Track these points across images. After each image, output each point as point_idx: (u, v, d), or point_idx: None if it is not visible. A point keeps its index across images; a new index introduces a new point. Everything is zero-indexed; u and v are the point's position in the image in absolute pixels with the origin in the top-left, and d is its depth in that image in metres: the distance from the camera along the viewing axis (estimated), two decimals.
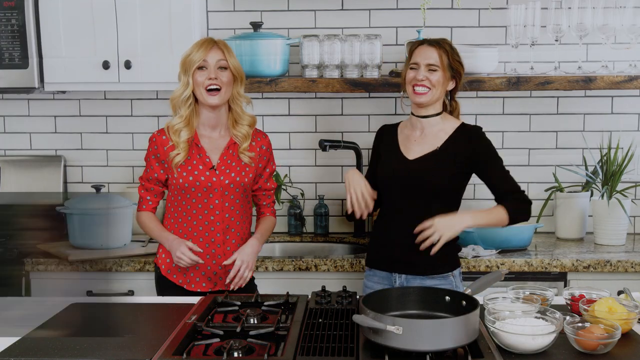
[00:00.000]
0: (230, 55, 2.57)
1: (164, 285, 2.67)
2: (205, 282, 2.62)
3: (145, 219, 2.67)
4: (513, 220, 2.55)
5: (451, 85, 2.63)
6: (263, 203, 2.78)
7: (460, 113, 2.73)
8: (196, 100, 2.60)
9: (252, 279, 2.74)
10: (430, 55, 2.56)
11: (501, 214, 2.53)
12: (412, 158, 2.60)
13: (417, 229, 2.48)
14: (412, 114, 2.66)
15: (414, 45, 2.65)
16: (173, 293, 2.61)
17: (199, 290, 2.62)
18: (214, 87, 2.54)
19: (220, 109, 2.60)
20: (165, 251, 2.64)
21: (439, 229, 2.44)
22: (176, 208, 2.62)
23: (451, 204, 2.59)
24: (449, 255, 2.59)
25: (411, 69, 2.60)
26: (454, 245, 2.63)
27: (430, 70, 2.55)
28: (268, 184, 2.75)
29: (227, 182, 2.58)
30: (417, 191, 2.55)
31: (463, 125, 2.64)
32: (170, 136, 2.57)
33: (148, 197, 2.67)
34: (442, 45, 2.58)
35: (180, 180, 2.56)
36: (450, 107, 2.70)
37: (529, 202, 2.59)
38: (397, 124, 2.76)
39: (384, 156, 2.69)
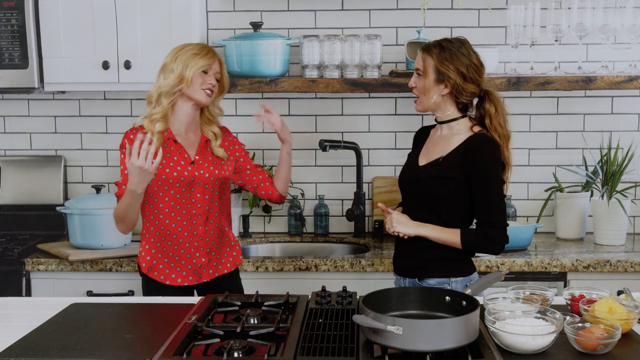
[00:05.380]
0: (224, 70, 2.72)
1: (146, 283, 2.69)
2: (192, 275, 2.66)
3: (115, 211, 2.62)
4: (465, 248, 2.44)
5: (444, 90, 2.45)
6: (260, 177, 2.81)
7: (494, 120, 2.47)
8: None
9: (238, 277, 2.81)
10: (418, 60, 2.51)
11: (455, 237, 2.43)
12: (421, 164, 2.55)
13: (379, 205, 2.57)
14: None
15: None
16: (157, 292, 2.63)
17: (185, 284, 2.66)
18: (209, 92, 2.64)
19: (198, 110, 2.69)
20: (144, 248, 2.67)
21: (394, 221, 2.46)
22: (156, 204, 2.64)
23: (460, 213, 2.48)
24: (445, 260, 2.49)
25: None
26: (452, 253, 2.48)
27: (418, 75, 2.50)
28: (254, 163, 2.83)
29: (207, 175, 2.65)
30: (422, 198, 2.51)
31: (473, 136, 2.46)
32: (147, 126, 2.59)
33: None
34: (430, 49, 2.47)
35: (163, 176, 2.60)
36: (477, 113, 2.52)
37: (493, 241, 2.41)
38: (434, 125, 2.63)
39: (407, 158, 2.66)
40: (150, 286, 2.68)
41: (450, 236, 2.44)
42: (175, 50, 2.64)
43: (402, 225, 2.47)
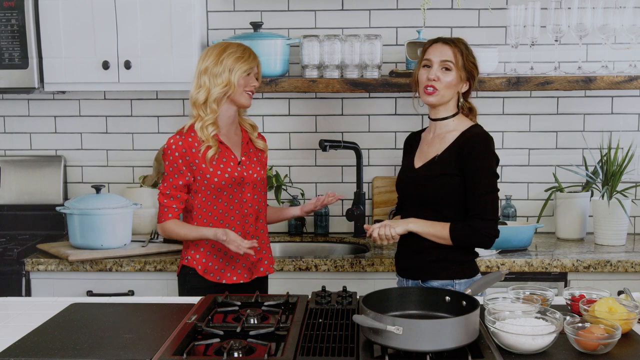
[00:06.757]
0: (260, 70, 2.75)
1: (198, 285, 2.67)
2: (246, 272, 2.70)
3: (173, 226, 2.64)
4: (455, 242, 2.43)
5: (464, 87, 2.51)
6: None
7: (477, 114, 2.60)
8: None
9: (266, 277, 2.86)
10: (444, 53, 2.46)
11: (444, 231, 2.43)
12: (418, 166, 2.55)
13: (365, 227, 2.55)
14: (429, 116, 2.60)
15: (427, 43, 2.52)
16: (207, 292, 2.59)
17: (241, 281, 2.69)
18: (251, 93, 2.69)
19: (237, 110, 2.74)
20: (198, 251, 2.67)
21: (381, 228, 2.44)
22: (209, 207, 2.65)
23: (463, 210, 2.47)
24: (449, 262, 2.49)
25: (424, 67, 2.49)
26: (455, 254, 2.49)
27: (445, 69, 2.45)
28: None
29: (255, 175, 2.70)
30: (423, 199, 2.51)
31: (466, 130, 2.50)
32: (199, 133, 2.62)
33: (174, 206, 2.64)
34: (457, 44, 2.48)
35: (215, 180, 2.62)
36: (464, 109, 2.57)
37: (481, 234, 2.40)
38: (423, 129, 2.67)
39: (402, 163, 2.67)
40: (198, 286, 2.66)
41: (440, 230, 2.44)
42: (216, 52, 2.62)
43: (390, 227, 2.44)
